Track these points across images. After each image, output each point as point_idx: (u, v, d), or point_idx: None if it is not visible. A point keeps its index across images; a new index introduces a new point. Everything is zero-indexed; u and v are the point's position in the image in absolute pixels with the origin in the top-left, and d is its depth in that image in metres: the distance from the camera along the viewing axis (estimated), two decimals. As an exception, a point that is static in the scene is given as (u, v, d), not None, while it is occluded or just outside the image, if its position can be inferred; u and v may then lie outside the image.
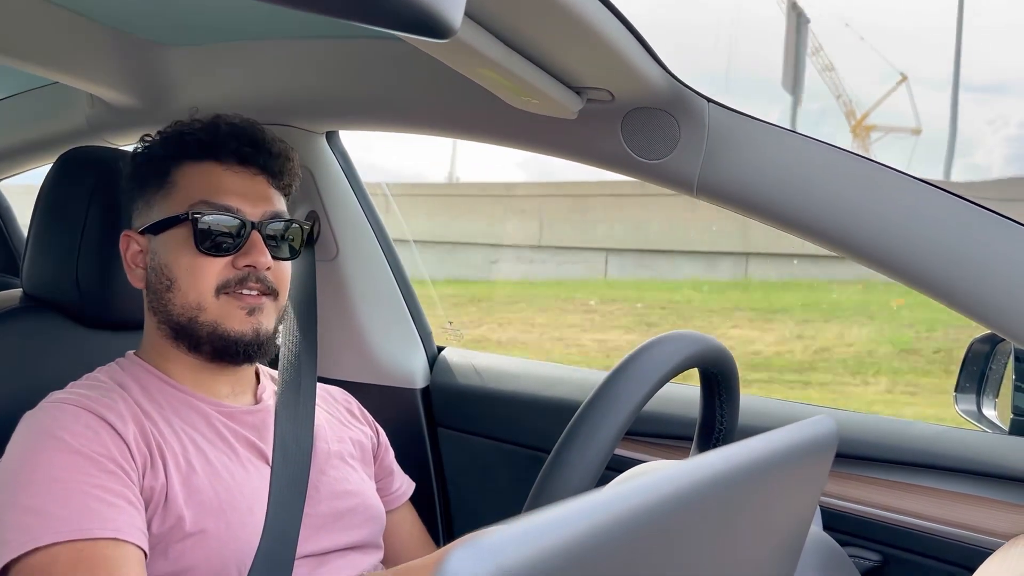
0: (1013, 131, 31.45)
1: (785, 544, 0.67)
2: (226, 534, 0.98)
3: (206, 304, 1.03)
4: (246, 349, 1.05)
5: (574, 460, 0.79)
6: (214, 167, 1.07)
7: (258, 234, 1.05)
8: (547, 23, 0.91)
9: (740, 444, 0.53)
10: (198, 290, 1.03)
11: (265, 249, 1.05)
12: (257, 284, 1.05)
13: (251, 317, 1.05)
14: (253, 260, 1.04)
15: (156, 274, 1.06)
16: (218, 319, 1.04)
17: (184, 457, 1.00)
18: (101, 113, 1.62)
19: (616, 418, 0.81)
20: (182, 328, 1.05)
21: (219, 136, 1.08)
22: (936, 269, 1.05)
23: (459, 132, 1.35)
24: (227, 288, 1.04)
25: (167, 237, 1.05)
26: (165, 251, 1.05)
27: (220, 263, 1.04)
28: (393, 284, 1.69)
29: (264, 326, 1.06)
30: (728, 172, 1.15)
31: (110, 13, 1.38)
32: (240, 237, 1.04)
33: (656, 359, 0.86)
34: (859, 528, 1.27)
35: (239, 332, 1.04)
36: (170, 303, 1.05)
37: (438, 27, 0.49)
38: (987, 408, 1.38)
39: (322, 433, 1.16)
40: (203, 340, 1.05)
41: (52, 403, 0.98)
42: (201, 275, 1.03)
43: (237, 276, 1.04)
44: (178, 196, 1.06)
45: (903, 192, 1.07)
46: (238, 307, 1.04)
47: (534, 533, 0.34)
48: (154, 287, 1.07)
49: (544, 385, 1.57)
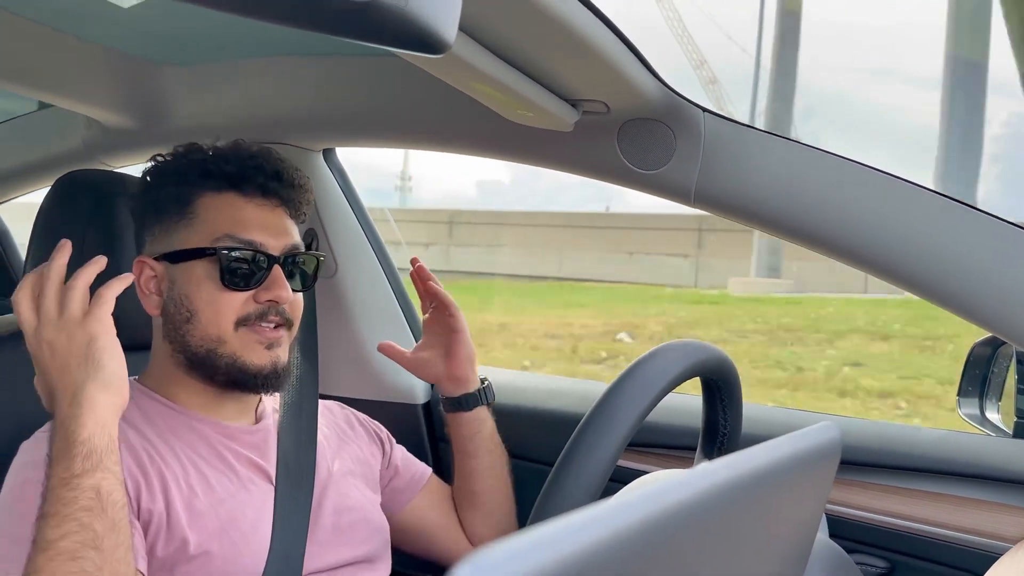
0: (996, 130, 31.37)
1: (792, 552, 0.67)
2: (231, 554, 0.98)
3: (226, 337, 1.03)
4: (264, 382, 1.05)
5: (577, 472, 0.78)
6: (237, 199, 1.06)
7: (279, 268, 1.05)
8: (541, 36, 0.91)
9: (744, 453, 0.53)
10: (218, 324, 1.03)
11: (287, 284, 1.05)
12: (275, 317, 1.05)
13: (270, 351, 1.05)
14: (275, 295, 1.04)
15: (175, 304, 1.05)
16: (236, 352, 1.03)
17: (185, 480, 0.99)
18: (97, 135, 1.63)
19: (619, 430, 0.81)
20: (199, 359, 1.04)
21: (244, 168, 1.07)
22: (935, 273, 1.05)
23: (456, 147, 1.36)
24: (247, 322, 1.04)
25: (188, 268, 1.04)
26: (185, 282, 1.04)
27: (241, 297, 1.03)
28: (393, 300, 1.68)
29: (281, 359, 1.06)
30: (725, 181, 1.15)
31: (105, 34, 1.39)
32: (263, 271, 1.04)
33: (657, 370, 0.86)
34: (865, 535, 1.26)
35: (258, 366, 1.04)
36: (188, 334, 1.04)
37: (432, 42, 0.49)
38: (990, 412, 1.37)
39: (322, 451, 1.16)
40: (220, 371, 1.04)
41: (45, 432, 0.97)
42: (223, 309, 1.03)
43: (258, 310, 1.04)
44: (201, 227, 1.05)
45: (901, 197, 1.07)
46: (257, 341, 1.04)
47: (539, 546, 0.34)
48: (172, 317, 1.05)
49: (546, 398, 1.56)
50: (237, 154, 1.09)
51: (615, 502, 0.40)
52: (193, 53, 1.47)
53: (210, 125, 1.50)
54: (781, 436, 0.59)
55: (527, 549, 0.33)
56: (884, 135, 41.89)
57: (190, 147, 1.11)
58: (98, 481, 0.84)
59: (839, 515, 1.28)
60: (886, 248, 1.07)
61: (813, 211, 1.11)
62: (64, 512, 0.82)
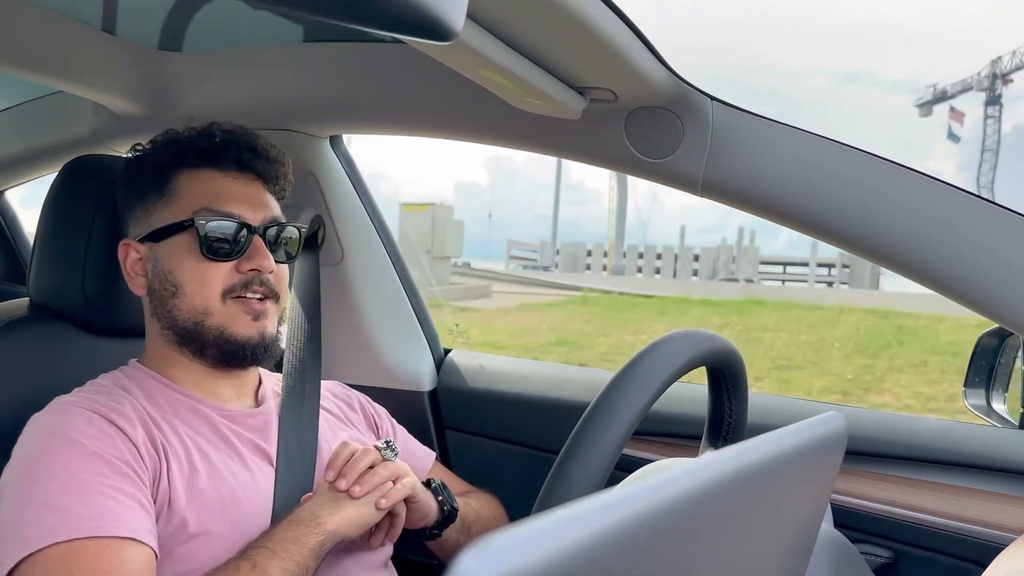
0: (965, 134, 31.23)
1: (797, 541, 0.67)
2: (231, 535, 0.98)
3: (212, 308, 1.05)
4: (253, 352, 1.07)
5: (583, 461, 0.79)
6: (213, 174, 1.09)
7: (260, 238, 1.08)
8: (549, 24, 0.91)
9: (750, 442, 0.53)
10: (204, 295, 1.05)
11: (268, 253, 1.08)
12: (261, 287, 1.07)
13: (256, 322, 1.07)
14: (257, 264, 1.06)
15: (160, 280, 1.07)
16: (224, 323, 1.06)
17: (187, 460, 1.00)
18: (105, 121, 1.63)
19: (624, 418, 0.81)
20: (187, 333, 1.06)
21: (217, 143, 1.10)
22: (943, 264, 1.05)
23: (463, 134, 1.35)
24: (232, 292, 1.06)
25: (170, 244, 1.06)
26: (168, 258, 1.06)
27: (224, 268, 1.06)
28: (399, 287, 1.69)
29: (268, 330, 1.09)
30: (732, 170, 1.14)
31: (113, 21, 1.38)
32: (243, 242, 1.06)
33: (663, 358, 0.86)
34: (870, 525, 1.27)
35: (246, 336, 1.06)
36: (175, 308, 1.06)
37: (440, 30, 0.49)
38: (996, 402, 1.37)
39: (323, 434, 1.17)
40: (209, 344, 1.06)
41: (61, 406, 0.98)
42: (207, 280, 1.05)
43: (242, 280, 1.06)
44: (180, 203, 1.07)
45: (909, 187, 1.07)
46: (243, 312, 1.06)
47: (544, 535, 0.34)
48: (158, 293, 1.08)
49: (551, 386, 1.56)
50: (211, 132, 1.11)
51: (620, 491, 0.40)
52: (200, 40, 1.47)
53: (217, 111, 1.50)
54: (787, 426, 0.59)
55: (531, 538, 0.34)
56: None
57: (167, 133, 1.14)
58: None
59: (844, 505, 1.28)
60: (892, 238, 1.07)
61: (821, 200, 1.10)
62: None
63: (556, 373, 1.62)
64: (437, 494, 1.16)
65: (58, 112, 1.74)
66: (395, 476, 1.05)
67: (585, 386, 1.54)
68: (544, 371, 1.64)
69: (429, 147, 36.86)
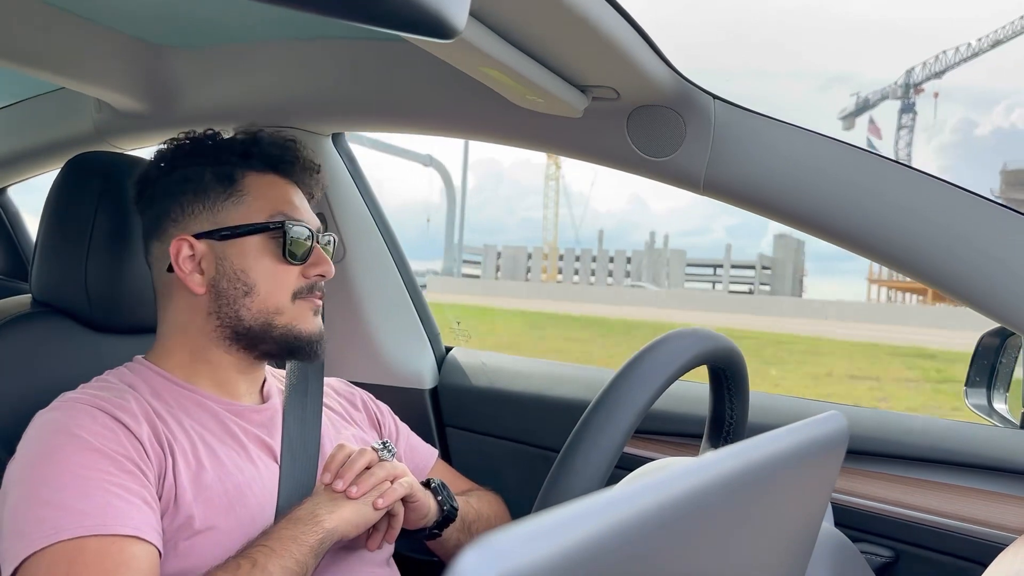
0: (947, 138, 31.31)
1: (797, 541, 0.67)
2: (237, 531, 0.98)
3: (283, 309, 1.09)
4: (316, 347, 1.11)
5: (584, 459, 0.79)
6: (278, 180, 1.13)
7: (318, 245, 1.13)
8: (552, 22, 0.91)
9: (751, 441, 0.53)
10: (277, 296, 1.08)
11: (329, 260, 1.13)
12: (319, 291, 1.13)
13: (316, 317, 1.13)
14: (323, 270, 1.12)
15: (228, 279, 1.07)
16: (292, 321, 1.09)
17: (194, 454, 1.01)
18: (108, 118, 1.63)
19: (625, 416, 0.81)
20: (250, 331, 1.08)
21: (285, 152, 1.14)
22: (944, 263, 1.05)
23: (465, 132, 1.36)
24: (300, 295, 1.10)
25: (241, 243, 1.07)
26: (241, 257, 1.07)
27: (296, 271, 1.10)
28: (401, 285, 1.69)
29: (322, 326, 1.14)
30: (734, 168, 1.14)
31: (116, 17, 1.39)
32: (310, 248, 1.11)
33: (664, 357, 0.86)
34: (871, 524, 1.27)
35: (310, 332, 1.11)
36: (244, 307, 1.07)
37: (443, 27, 0.49)
38: (998, 402, 1.37)
39: (326, 431, 1.18)
40: (272, 340, 1.09)
41: (66, 403, 0.98)
42: (283, 282, 1.09)
43: (308, 284, 1.11)
44: (254, 204, 1.09)
45: (911, 186, 1.07)
46: (309, 309, 1.11)
47: (545, 533, 0.34)
48: (225, 292, 1.07)
49: (553, 384, 1.56)
50: (272, 139, 1.14)
51: (621, 490, 0.40)
52: (203, 36, 1.47)
53: (220, 109, 1.50)
54: (788, 425, 0.59)
55: (532, 536, 0.34)
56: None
57: (207, 132, 1.14)
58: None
59: (845, 504, 1.28)
60: (894, 236, 1.07)
61: (823, 199, 1.10)
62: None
63: (557, 371, 1.62)
64: (436, 494, 1.16)
65: (61, 109, 1.74)
66: (392, 476, 1.06)
67: (586, 384, 1.54)
68: (545, 369, 1.64)
69: (420, 147, 35.85)
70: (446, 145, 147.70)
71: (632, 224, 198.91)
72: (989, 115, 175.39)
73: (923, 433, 1.28)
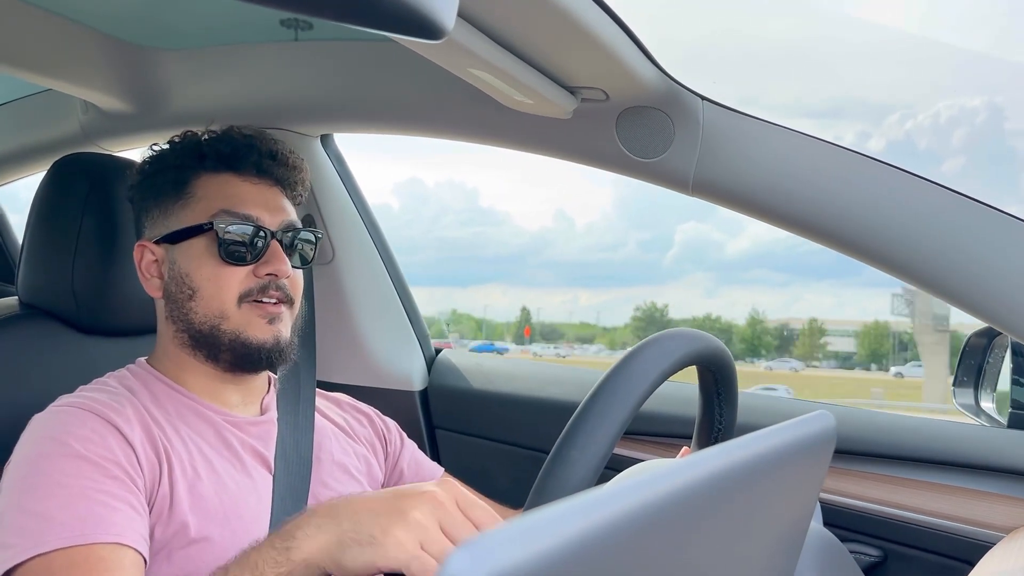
0: (873, 145, 31.34)
1: (786, 540, 0.67)
2: (231, 542, 0.97)
3: (228, 312, 1.05)
4: (268, 356, 1.06)
5: (573, 459, 0.79)
6: (232, 178, 1.09)
7: (277, 243, 1.07)
8: (540, 23, 0.91)
9: (739, 441, 0.53)
10: (220, 299, 1.04)
11: (285, 258, 1.07)
12: (276, 292, 1.07)
13: (272, 326, 1.06)
14: (275, 268, 1.06)
15: (176, 283, 1.06)
16: (240, 327, 1.05)
17: (190, 464, 1.00)
18: (95, 119, 1.62)
19: (615, 416, 0.81)
20: (203, 337, 1.05)
21: (238, 148, 1.09)
22: (932, 263, 1.05)
23: (453, 133, 1.35)
24: (249, 296, 1.05)
25: (187, 246, 1.06)
26: (186, 260, 1.06)
27: (242, 272, 1.05)
28: (390, 287, 1.68)
29: (283, 334, 1.08)
30: (723, 169, 1.15)
31: (102, 18, 1.38)
32: (260, 246, 1.06)
33: (654, 357, 0.86)
34: (859, 524, 1.27)
35: (261, 340, 1.05)
36: (191, 312, 1.05)
37: (430, 28, 0.49)
38: (985, 402, 1.38)
39: (327, 444, 1.16)
40: (223, 348, 1.05)
41: (60, 407, 0.98)
42: (224, 284, 1.04)
43: (259, 284, 1.05)
44: (198, 206, 1.07)
45: (898, 187, 1.07)
46: (259, 316, 1.05)
47: (534, 533, 0.34)
48: (174, 296, 1.07)
49: (542, 385, 1.57)
50: (231, 136, 1.11)
51: (610, 489, 0.40)
52: (191, 38, 1.46)
53: (208, 110, 1.49)
54: (776, 424, 0.60)
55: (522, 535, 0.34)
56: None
57: (185, 134, 1.13)
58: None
59: (833, 504, 1.28)
60: (882, 238, 1.07)
61: (811, 200, 1.11)
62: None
63: (546, 373, 1.63)
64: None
65: (48, 110, 1.73)
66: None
67: (576, 385, 1.54)
68: (535, 371, 1.64)
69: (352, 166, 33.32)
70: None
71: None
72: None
73: (911, 432, 1.28)
